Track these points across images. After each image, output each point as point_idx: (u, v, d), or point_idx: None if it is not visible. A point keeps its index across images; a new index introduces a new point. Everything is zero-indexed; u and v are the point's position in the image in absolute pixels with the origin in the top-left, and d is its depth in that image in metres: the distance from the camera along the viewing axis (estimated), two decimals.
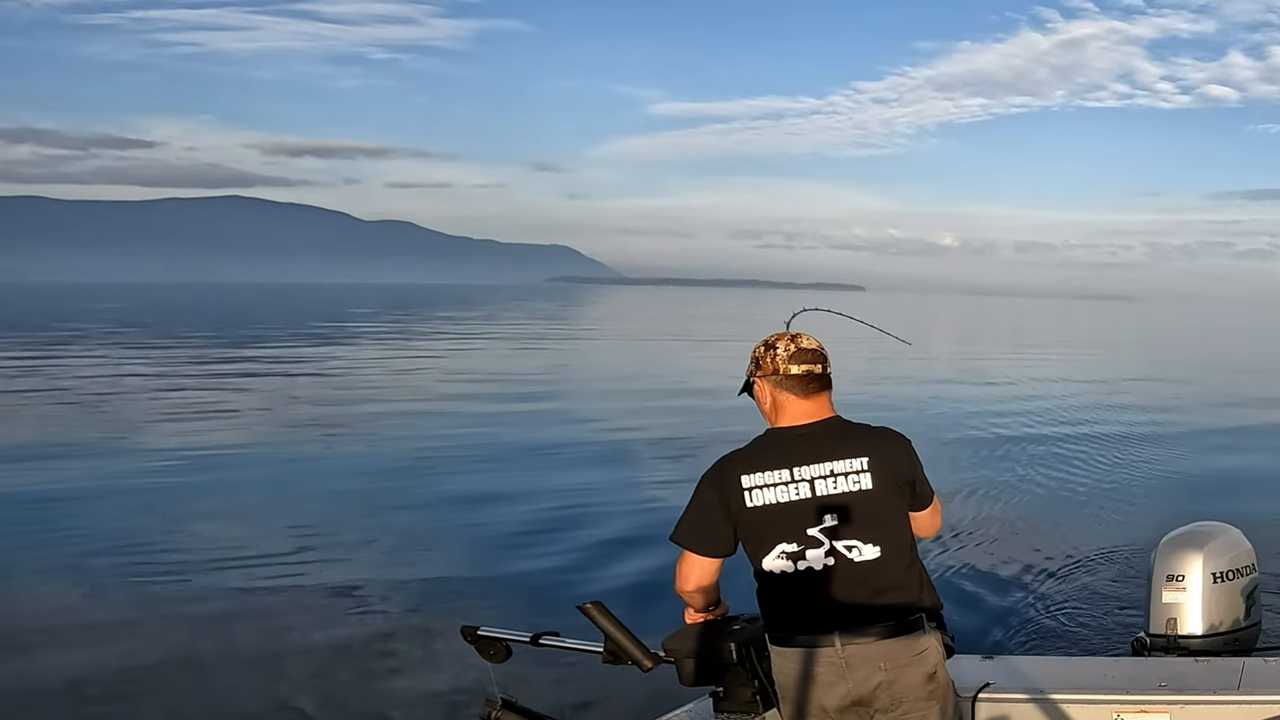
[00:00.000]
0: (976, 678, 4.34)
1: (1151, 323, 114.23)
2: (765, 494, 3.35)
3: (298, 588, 9.80)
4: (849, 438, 3.37)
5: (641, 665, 3.39)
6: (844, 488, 3.30)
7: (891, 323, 4.28)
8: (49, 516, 12.38)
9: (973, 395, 28.13)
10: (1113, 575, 10.11)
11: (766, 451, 3.40)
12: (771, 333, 3.57)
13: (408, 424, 21.32)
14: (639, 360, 41.25)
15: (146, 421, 21.00)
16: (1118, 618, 8.71)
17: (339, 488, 14.60)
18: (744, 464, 3.39)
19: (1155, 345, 68.00)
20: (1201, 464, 17.57)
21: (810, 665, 3.33)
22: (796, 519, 3.33)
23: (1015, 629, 8.67)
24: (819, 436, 3.37)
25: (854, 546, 3.30)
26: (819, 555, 3.31)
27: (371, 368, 35.33)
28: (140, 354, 38.95)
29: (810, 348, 3.46)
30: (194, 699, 7.22)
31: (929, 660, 3.36)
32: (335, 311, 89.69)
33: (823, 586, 3.32)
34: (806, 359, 3.43)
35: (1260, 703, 4.17)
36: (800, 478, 3.32)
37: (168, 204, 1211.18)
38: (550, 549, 11.37)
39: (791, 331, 3.54)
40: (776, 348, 3.47)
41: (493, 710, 3.21)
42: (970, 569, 10.32)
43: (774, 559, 3.36)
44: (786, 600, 3.37)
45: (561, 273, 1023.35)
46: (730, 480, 3.39)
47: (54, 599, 9.37)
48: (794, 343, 3.47)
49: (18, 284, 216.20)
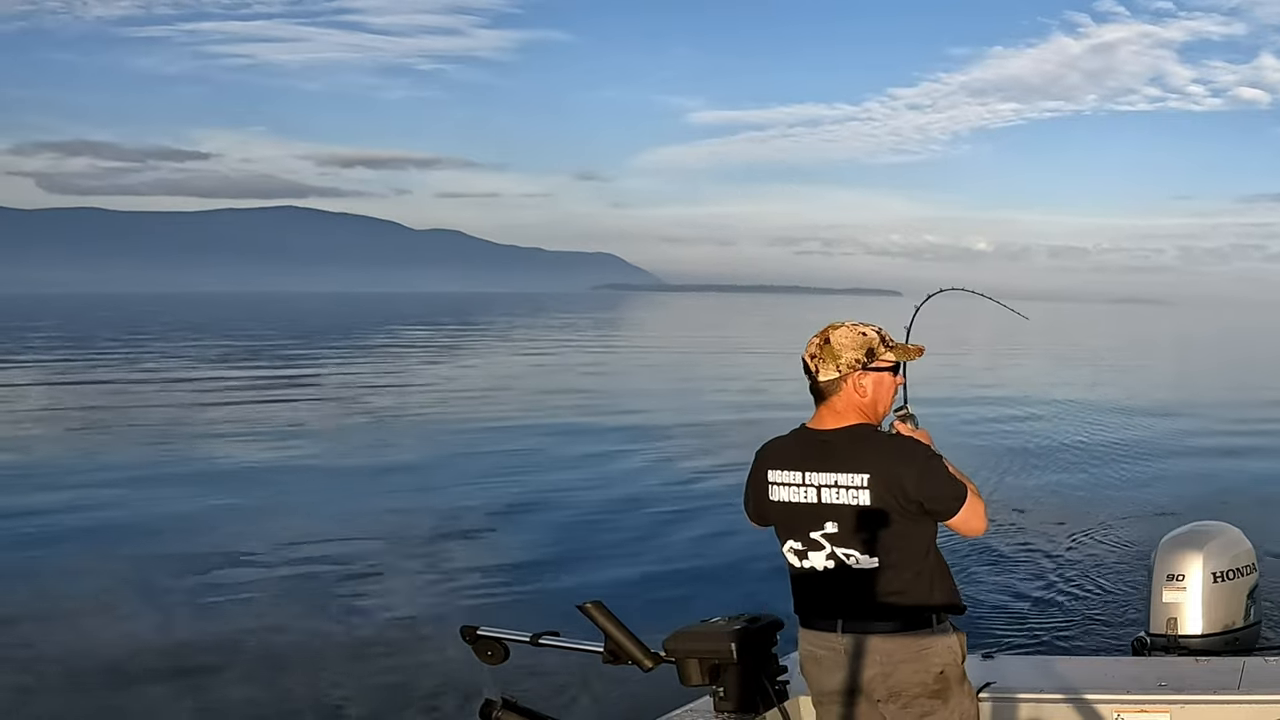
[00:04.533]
0: (977, 677, 4.33)
1: (1179, 327, 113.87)
2: (782, 491, 3.43)
3: (299, 587, 9.81)
4: (859, 451, 3.35)
5: (641, 665, 3.38)
6: (845, 500, 3.33)
7: (931, 328, 4.25)
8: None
9: (979, 397, 28.14)
10: (1113, 575, 10.12)
11: (791, 450, 3.45)
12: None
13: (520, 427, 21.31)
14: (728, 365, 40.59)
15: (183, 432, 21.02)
16: (1118, 618, 8.72)
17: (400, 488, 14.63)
18: (773, 458, 3.47)
19: (1178, 350, 67.70)
20: (1203, 465, 17.57)
21: (816, 648, 3.46)
22: (804, 520, 3.40)
23: (1015, 629, 8.67)
24: (834, 445, 3.37)
25: (851, 555, 3.35)
26: (820, 557, 3.39)
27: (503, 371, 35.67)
28: (226, 364, 39.04)
29: (804, 356, 3.42)
30: (194, 698, 7.22)
31: (933, 659, 3.36)
32: (424, 318, 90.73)
33: (827, 584, 3.40)
34: (804, 368, 3.44)
35: (1260, 703, 4.17)
36: (810, 483, 3.38)
37: (223, 214, 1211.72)
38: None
39: (839, 323, 3.46)
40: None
41: (493, 710, 3.20)
42: (970, 569, 10.31)
43: (787, 551, 3.48)
44: (801, 587, 3.50)
45: (606, 280, 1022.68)
46: (760, 471, 3.50)
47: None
48: (808, 348, 3.44)
49: (79, 294, 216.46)
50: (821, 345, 3.39)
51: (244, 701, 7.20)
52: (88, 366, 36.60)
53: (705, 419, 21.62)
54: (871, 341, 3.41)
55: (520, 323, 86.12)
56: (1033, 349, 55.44)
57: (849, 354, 3.38)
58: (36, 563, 10.64)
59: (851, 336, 3.40)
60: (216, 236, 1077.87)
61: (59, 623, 8.73)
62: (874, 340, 3.42)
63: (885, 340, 3.45)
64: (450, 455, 17.60)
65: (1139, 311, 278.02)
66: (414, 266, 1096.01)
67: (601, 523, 12.60)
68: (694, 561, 10.85)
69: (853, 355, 3.38)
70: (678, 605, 8.55)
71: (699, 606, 5.88)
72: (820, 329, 3.47)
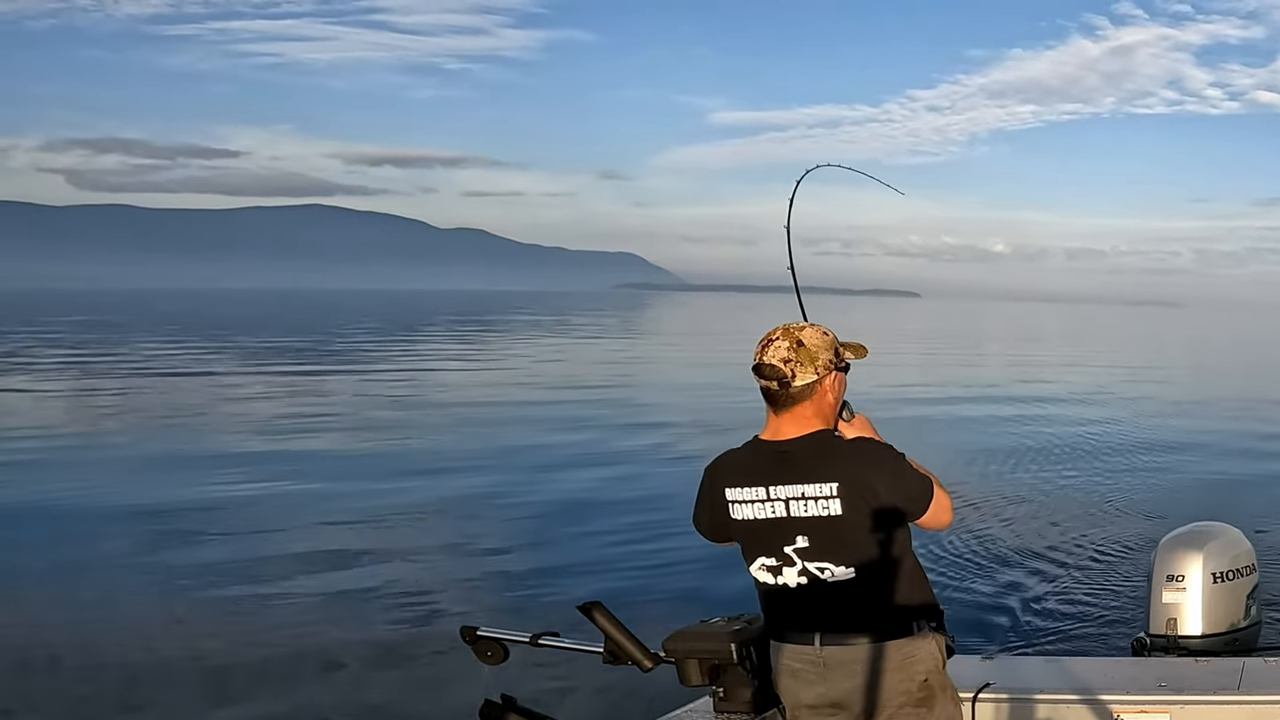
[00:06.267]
0: (976, 678, 4.34)
1: (1192, 330, 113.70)
2: (745, 509, 3.29)
3: (299, 587, 9.81)
4: (824, 460, 3.21)
5: (641, 665, 3.38)
6: (814, 511, 3.21)
7: (947, 330, 4.20)
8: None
9: (983, 396, 28.14)
10: (1113, 575, 10.12)
11: (749, 465, 3.30)
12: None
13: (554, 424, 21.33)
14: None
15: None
16: (1118, 618, 8.71)
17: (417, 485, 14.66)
18: (729, 475, 3.32)
19: (1188, 352, 67.62)
20: (1204, 465, 17.56)
21: (793, 662, 3.32)
22: (773, 536, 3.27)
23: (1015, 629, 8.67)
24: (796, 455, 3.23)
25: (825, 568, 3.23)
26: (793, 574, 3.27)
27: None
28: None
29: (770, 361, 3.21)
30: (195, 699, 7.22)
31: (917, 665, 3.28)
32: (455, 315, 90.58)
33: (800, 599, 3.29)
34: (764, 374, 3.23)
35: (1260, 703, 4.16)
36: (776, 497, 3.24)
37: (252, 212, 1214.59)
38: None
39: (795, 325, 3.30)
40: (758, 349, 3.28)
41: (493, 710, 3.20)
42: (970, 569, 10.31)
43: (756, 569, 3.35)
44: (772, 604, 3.37)
45: (627, 279, 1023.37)
46: (716, 489, 3.35)
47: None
48: (762, 352, 3.25)
49: (107, 290, 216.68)
50: (795, 348, 3.21)
51: (244, 701, 7.19)
52: (133, 360, 36.94)
53: (711, 420, 21.58)
54: (834, 341, 3.30)
55: (542, 322, 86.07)
56: (1042, 348, 55.54)
57: (824, 355, 3.24)
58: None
59: (819, 337, 3.26)
60: (244, 234, 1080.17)
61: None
62: (834, 339, 3.30)
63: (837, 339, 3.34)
64: (454, 455, 17.59)
65: (1154, 314, 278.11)
66: (439, 264, 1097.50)
67: (601, 522, 12.59)
68: (694, 562, 10.83)
69: (826, 356, 3.24)
70: (677, 605, 8.53)
71: (699, 607, 5.87)
72: (770, 331, 3.28)
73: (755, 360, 3.25)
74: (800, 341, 3.23)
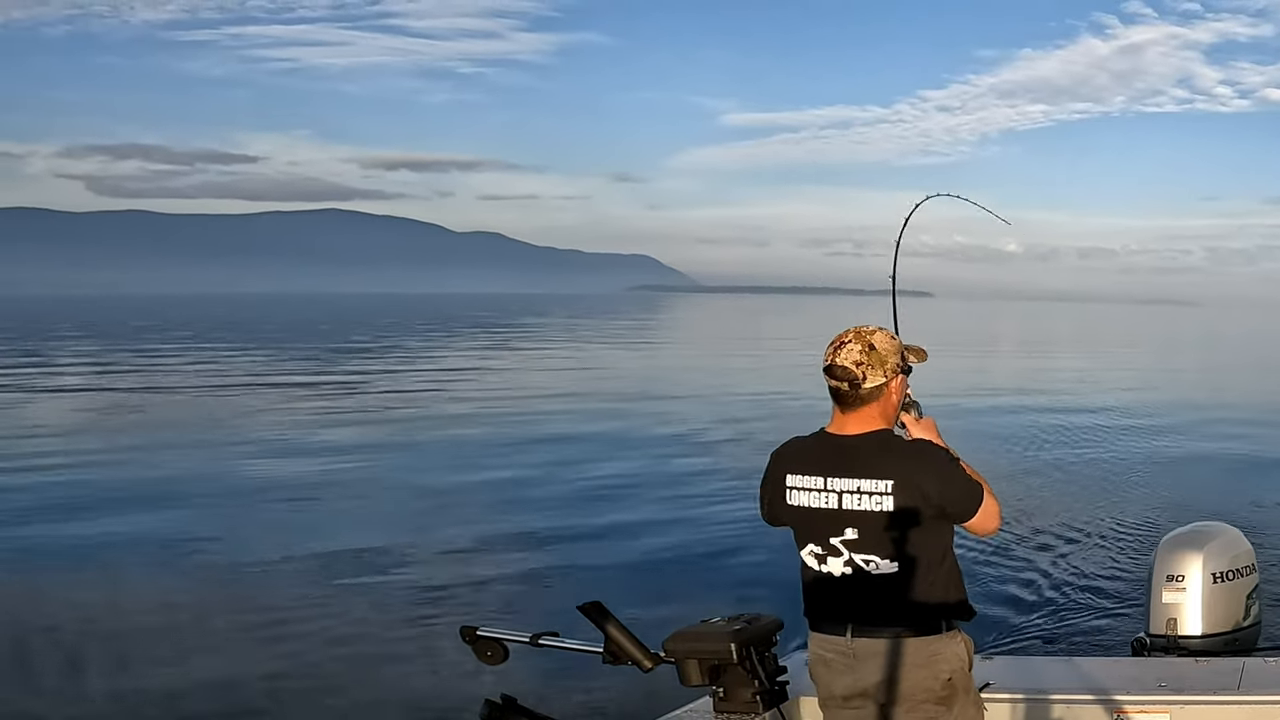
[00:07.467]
0: (976, 677, 4.33)
1: (1203, 328, 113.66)
2: (801, 496, 3.43)
3: (299, 587, 9.81)
4: (882, 457, 3.36)
5: (641, 665, 3.38)
6: (867, 506, 3.34)
7: (959, 330, 4.21)
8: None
9: (982, 396, 28.13)
10: (1113, 575, 10.12)
11: (812, 454, 3.45)
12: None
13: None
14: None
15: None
16: (1118, 618, 8.71)
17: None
18: (791, 462, 3.47)
19: (1197, 351, 67.59)
20: (1204, 465, 17.55)
21: (825, 651, 3.46)
22: (824, 526, 3.40)
23: (1015, 629, 8.66)
24: (857, 451, 3.38)
25: (871, 561, 3.36)
26: (839, 563, 3.40)
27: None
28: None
29: (842, 363, 3.37)
30: (196, 698, 7.22)
31: (942, 664, 3.39)
32: (476, 319, 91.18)
33: (842, 589, 3.41)
34: (835, 375, 3.38)
35: (1260, 703, 4.16)
36: (831, 489, 3.38)
37: (269, 217, 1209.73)
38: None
39: (865, 328, 3.44)
40: (829, 351, 3.42)
41: (493, 710, 3.20)
42: (970, 569, 10.27)
43: (806, 554, 3.48)
44: (813, 591, 3.50)
45: (642, 281, 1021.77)
46: (777, 474, 3.50)
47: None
48: (834, 353, 3.40)
49: (128, 295, 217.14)
50: (867, 351, 3.36)
51: (243, 701, 7.20)
52: (157, 365, 37.13)
53: (712, 423, 21.57)
54: (900, 345, 3.47)
55: (558, 324, 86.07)
56: (1050, 348, 55.51)
57: (892, 359, 3.42)
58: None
59: (888, 341, 3.45)
60: (263, 239, 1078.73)
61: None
62: (900, 343, 3.49)
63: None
64: (458, 454, 17.60)
65: (1166, 312, 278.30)
66: (455, 267, 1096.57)
67: (601, 523, 12.59)
68: (694, 562, 10.85)
69: (894, 360, 3.42)
70: (678, 605, 8.53)
71: (699, 607, 5.87)
72: (841, 334, 3.44)
73: (827, 361, 3.41)
74: (872, 345, 3.40)
